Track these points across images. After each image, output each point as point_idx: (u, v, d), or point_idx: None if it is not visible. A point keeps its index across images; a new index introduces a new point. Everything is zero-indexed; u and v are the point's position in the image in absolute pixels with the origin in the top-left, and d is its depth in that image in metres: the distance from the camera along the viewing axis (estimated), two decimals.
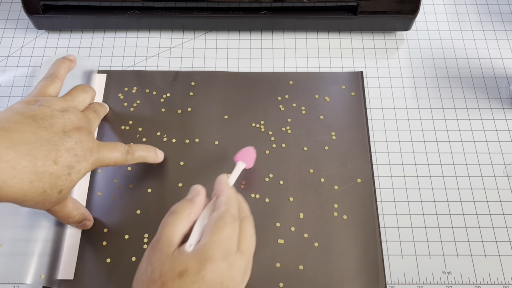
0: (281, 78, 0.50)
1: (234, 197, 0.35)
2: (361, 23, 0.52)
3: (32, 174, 0.32)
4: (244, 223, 0.34)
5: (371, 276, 0.40)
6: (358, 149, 0.46)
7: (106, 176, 0.44)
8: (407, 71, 0.51)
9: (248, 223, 0.34)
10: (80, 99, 0.39)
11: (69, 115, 0.36)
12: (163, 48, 0.52)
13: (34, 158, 0.32)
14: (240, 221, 0.34)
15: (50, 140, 0.34)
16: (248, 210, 0.36)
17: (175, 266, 0.30)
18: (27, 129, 0.33)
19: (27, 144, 0.32)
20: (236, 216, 0.34)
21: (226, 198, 0.34)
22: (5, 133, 0.32)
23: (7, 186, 0.31)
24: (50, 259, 0.40)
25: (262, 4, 0.50)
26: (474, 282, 0.40)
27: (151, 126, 0.47)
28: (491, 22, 0.55)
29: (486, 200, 0.44)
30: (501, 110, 0.48)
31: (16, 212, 0.42)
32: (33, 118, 0.34)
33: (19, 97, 0.49)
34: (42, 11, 0.51)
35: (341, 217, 0.42)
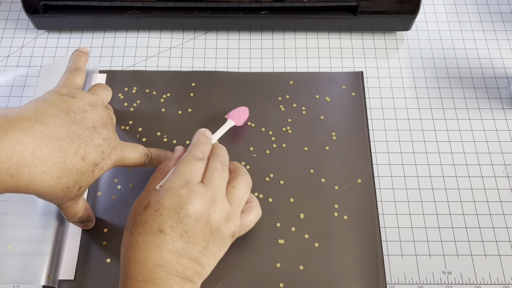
0: (281, 78, 0.50)
1: (203, 142, 0.38)
2: (361, 23, 0.52)
3: (60, 170, 0.32)
4: (211, 161, 0.36)
5: (371, 276, 0.40)
6: (358, 149, 0.46)
7: (106, 176, 0.44)
8: (407, 71, 0.51)
9: (216, 162, 0.36)
10: (104, 96, 0.40)
11: (98, 110, 0.36)
12: (163, 48, 0.52)
13: (64, 154, 0.33)
14: (208, 160, 0.36)
15: (81, 136, 0.34)
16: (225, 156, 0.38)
17: (142, 203, 0.34)
18: (60, 123, 0.33)
19: (60, 139, 0.33)
20: (201, 156, 0.36)
21: (192, 143, 0.38)
22: (40, 127, 0.32)
23: (36, 181, 0.31)
24: (50, 259, 0.40)
25: (262, 4, 0.50)
26: (474, 282, 0.40)
27: (151, 126, 0.47)
28: (491, 22, 0.55)
29: (486, 200, 0.44)
30: (501, 110, 0.48)
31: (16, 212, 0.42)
32: (66, 111, 0.34)
33: (19, 97, 0.49)
34: (42, 11, 0.50)
35: (342, 217, 0.42)
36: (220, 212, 0.34)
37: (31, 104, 0.34)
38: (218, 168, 0.36)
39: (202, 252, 0.33)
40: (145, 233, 0.32)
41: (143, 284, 0.31)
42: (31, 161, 0.31)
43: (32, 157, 0.31)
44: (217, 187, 0.35)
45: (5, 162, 0.30)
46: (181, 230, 0.32)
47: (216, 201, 0.34)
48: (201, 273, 0.34)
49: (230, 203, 0.35)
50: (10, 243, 0.40)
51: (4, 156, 0.30)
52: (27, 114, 0.32)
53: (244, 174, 0.38)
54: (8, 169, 0.30)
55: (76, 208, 0.38)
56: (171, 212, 0.32)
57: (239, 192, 0.36)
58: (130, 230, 0.33)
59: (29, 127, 0.31)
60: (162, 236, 0.32)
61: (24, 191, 0.32)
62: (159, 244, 0.32)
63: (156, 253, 0.32)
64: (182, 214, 0.32)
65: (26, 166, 0.31)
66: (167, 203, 0.32)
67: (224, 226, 0.34)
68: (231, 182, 0.36)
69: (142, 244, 0.32)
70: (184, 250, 0.32)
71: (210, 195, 0.34)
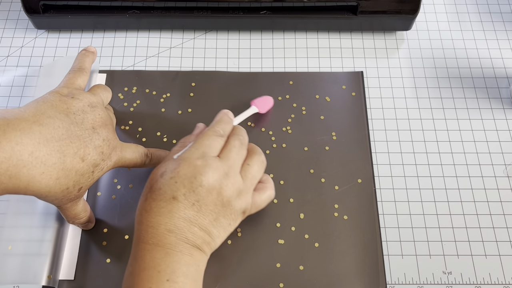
0: (281, 78, 0.50)
1: (225, 121, 0.39)
2: (361, 23, 0.52)
3: (59, 171, 0.33)
4: (231, 139, 0.37)
5: (371, 276, 0.40)
6: (358, 149, 0.46)
7: (106, 176, 0.44)
8: (408, 71, 0.51)
9: (235, 140, 0.37)
10: (103, 97, 0.40)
11: (98, 111, 0.36)
12: (163, 48, 0.52)
13: (64, 155, 0.33)
14: (228, 138, 0.38)
15: (81, 137, 0.34)
16: (245, 136, 0.39)
17: (159, 170, 0.35)
18: (59, 124, 0.33)
19: (59, 140, 0.33)
20: (221, 133, 0.37)
21: (215, 121, 0.39)
22: (39, 128, 0.32)
23: (35, 182, 0.31)
24: (50, 259, 0.40)
25: (262, 4, 0.50)
26: (474, 282, 0.40)
27: (151, 126, 0.47)
28: (491, 22, 0.54)
29: (487, 200, 0.44)
30: (501, 110, 0.48)
31: (17, 212, 0.42)
32: (65, 113, 0.34)
33: (19, 97, 0.49)
34: (42, 11, 0.50)
35: (342, 217, 0.42)
36: (232, 187, 0.35)
37: (30, 105, 0.34)
38: (236, 146, 0.37)
39: (212, 223, 0.34)
40: (159, 199, 0.33)
41: (154, 248, 0.32)
42: (30, 162, 0.31)
43: (31, 158, 0.31)
44: (232, 163, 0.36)
45: (4, 163, 0.30)
46: (193, 199, 0.33)
47: (229, 176, 0.35)
48: (210, 243, 0.35)
49: (244, 180, 0.36)
50: (10, 243, 0.40)
51: (3, 156, 0.30)
52: (25, 115, 0.32)
53: (260, 154, 0.39)
54: (7, 170, 0.30)
55: (76, 209, 0.38)
56: (185, 180, 0.33)
57: (253, 170, 0.37)
58: (145, 195, 0.34)
59: (28, 128, 0.31)
60: (174, 203, 0.33)
61: (24, 192, 0.32)
62: (171, 210, 0.33)
63: (168, 219, 0.33)
64: (196, 183, 0.33)
65: (25, 167, 0.31)
66: (182, 171, 0.34)
67: (236, 200, 0.35)
68: (246, 160, 0.38)
69: (155, 209, 0.33)
70: (195, 219, 0.33)
71: (225, 169, 0.35)
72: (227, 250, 0.41)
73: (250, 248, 0.41)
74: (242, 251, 0.41)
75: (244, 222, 0.42)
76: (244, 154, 0.38)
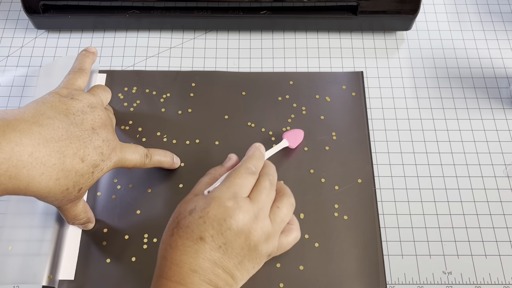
0: (281, 78, 0.50)
1: (258, 157, 0.37)
2: (361, 23, 0.52)
3: (59, 172, 0.33)
4: (262, 179, 0.36)
5: (371, 276, 0.40)
6: (358, 149, 0.46)
7: (106, 176, 0.44)
8: (408, 71, 0.51)
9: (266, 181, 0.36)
10: (103, 97, 0.40)
11: (98, 112, 0.36)
12: (163, 48, 0.52)
13: (63, 155, 0.33)
14: (259, 177, 0.36)
15: (80, 137, 0.34)
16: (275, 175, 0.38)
17: (188, 206, 0.34)
18: (59, 125, 0.33)
19: (59, 141, 0.33)
20: (253, 170, 0.36)
21: (247, 156, 0.38)
22: (39, 129, 0.32)
23: (35, 182, 0.32)
24: (50, 259, 0.40)
25: (262, 4, 0.50)
26: (474, 282, 0.40)
27: (151, 126, 0.47)
28: (491, 22, 0.54)
29: (487, 200, 0.44)
30: (501, 110, 0.48)
31: (17, 212, 0.42)
32: (65, 113, 0.34)
33: (19, 97, 0.49)
34: (42, 11, 0.50)
35: (342, 217, 0.42)
36: (261, 231, 0.34)
37: (30, 106, 0.34)
38: (267, 187, 0.36)
39: (236, 266, 0.33)
40: (186, 237, 0.32)
41: (176, 286, 0.31)
42: (30, 162, 0.31)
43: (30, 158, 0.31)
44: (262, 205, 0.34)
45: (4, 163, 0.30)
46: (220, 242, 0.32)
47: (259, 220, 0.34)
48: (232, 286, 0.33)
49: (272, 223, 0.35)
50: (11, 243, 0.40)
51: (3, 157, 0.30)
52: (25, 116, 0.32)
53: (290, 196, 0.37)
54: (6, 170, 0.30)
55: (76, 210, 0.38)
56: (215, 222, 0.32)
57: (282, 213, 0.36)
58: (171, 230, 0.33)
59: (27, 129, 0.31)
60: (201, 244, 0.32)
61: (24, 193, 0.32)
62: (197, 250, 0.32)
63: (193, 259, 0.32)
64: (225, 226, 0.32)
65: (25, 167, 0.31)
66: (212, 212, 0.33)
67: (263, 245, 0.34)
68: (276, 202, 0.36)
69: (181, 248, 0.32)
70: (220, 261, 0.32)
71: (255, 212, 0.34)
72: None
73: None
74: None
75: None
76: (274, 195, 0.37)
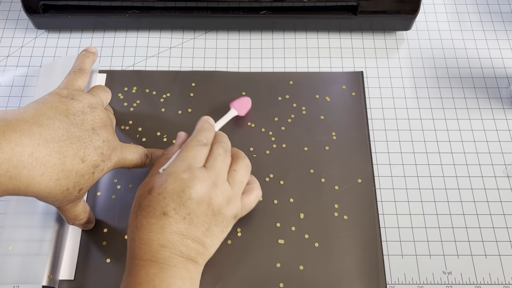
0: (281, 78, 0.50)
1: (207, 129, 0.39)
2: (361, 23, 0.52)
3: (59, 172, 0.33)
4: (215, 147, 0.37)
5: (371, 276, 0.40)
6: (358, 149, 0.46)
7: (106, 176, 0.44)
8: (408, 71, 0.51)
9: (219, 148, 0.37)
10: (103, 98, 0.40)
11: (98, 112, 0.36)
12: (163, 48, 0.52)
13: (64, 156, 0.33)
14: (211, 146, 0.37)
15: (80, 138, 0.34)
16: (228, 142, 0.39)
17: (146, 187, 0.35)
18: (59, 125, 0.33)
19: (59, 141, 0.33)
20: (204, 142, 0.37)
21: (196, 129, 0.39)
22: (39, 129, 0.32)
23: (35, 183, 0.32)
24: (50, 259, 0.40)
25: (262, 4, 0.50)
26: (474, 282, 0.40)
27: (151, 126, 0.47)
28: (491, 22, 0.54)
29: (487, 200, 0.44)
30: (501, 110, 0.48)
31: (17, 212, 0.42)
32: (65, 114, 0.34)
33: (19, 97, 0.49)
34: (42, 11, 0.50)
35: (342, 217, 0.42)
36: (221, 195, 0.35)
37: (30, 106, 0.34)
38: (221, 154, 0.37)
39: (205, 234, 0.34)
40: (149, 215, 0.33)
41: (148, 263, 0.32)
42: (30, 163, 0.31)
43: (30, 158, 0.31)
44: (219, 171, 0.36)
45: (4, 164, 0.30)
46: (184, 213, 0.33)
47: (217, 185, 0.35)
48: (204, 254, 0.35)
49: (232, 186, 0.36)
50: (11, 243, 0.40)
51: (3, 158, 0.30)
52: (25, 116, 0.32)
53: (244, 157, 0.39)
54: (6, 171, 0.30)
55: (76, 210, 0.38)
56: (174, 195, 0.33)
57: (239, 175, 0.37)
58: (135, 213, 0.34)
59: (27, 129, 0.31)
60: (165, 219, 0.33)
61: (24, 193, 0.32)
62: (162, 225, 0.33)
63: (160, 234, 0.33)
64: (185, 197, 0.33)
65: (25, 168, 0.31)
66: (170, 187, 0.33)
67: (226, 208, 0.35)
68: (232, 165, 0.38)
69: (147, 226, 0.33)
70: (187, 232, 0.33)
71: (212, 179, 0.35)
72: (227, 250, 0.41)
73: (250, 248, 0.41)
74: (242, 251, 0.41)
75: (244, 222, 0.42)
76: (229, 161, 0.38)
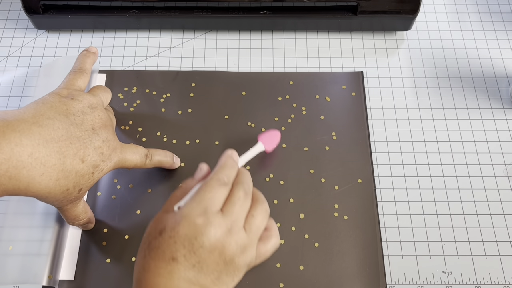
0: (281, 78, 0.50)
1: (230, 166, 0.35)
2: (361, 23, 0.52)
3: (59, 172, 0.33)
4: (235, 189, 0.34)
5: (371, 276, 0.40)
6: (358, 149, 0.46)
7: (106, 176, 0.44)
8: (408, 71, 0.51)
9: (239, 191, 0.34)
10: (103, 98, 0.39)
11: (98, 112, 0.36)
12: (163, 48, 0.52)
13: (63, 156, 0.33)
14: (232, 187, 0.34)
15: (80, 138, 0.34)
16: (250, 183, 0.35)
17: (158, 225, 0.32)
18: (59, 125, 0.33)
19: (58, 141, 0.33)
20: (226, 181, 0.34)
21: (219, 165, 0.35)
22: (38, 129, 0.32)
23: (35, 183, 0.31)
24: (50, 259, 0.40)
25: (262, 4, 0.50)
26: (474, 282, 0.40)
27: (151, 126, 0.47)
28: (491, 22, 0.54)
29: (487, 200, 0.44)
30: (501, 110, 0.48)
31: (17, 212, 0.42)
32: (65, 114, 0.34)
33: (19, 97, 0.49)
34: (42, 11, 0.50)
35: (342, 217, 0.42)
36: (236, 244, 0.32)
37: (30, 106, 0.34)
38: (241, 198, 0.34)
39: (214, 282, 0.32)
40: (158, 258, 0.31)
41: None
42: (30, 163, 0.31)
43: (30, 159, 0.31)
44: (236, 217, 0.33)
45: (3, 164, 0.30)
46: (194, 261, 0.31)
47: (232, 232, 0.32)
48: None
49: (248, 233, 0.33)
50: (11, 243, 0.40)
51: (2, 158, 0.30)
52: (25, 117, 0.32)
53: (263, 202, 0.36)
54: (6, 171, 0.30)
55: (76, 210, 0.38)
56: (186, 241, 0.31)
57: (257, 221, 0.34)
58: (143, 252, 0.32)
59: (27, 129, 0.31)
60: (174, 264, 0.31)
61: (24, 193, 0.32)
62: (171, 271, 0.31)
63: (168, 280, 0.31)
64: (197, 244, 0.31)
65: (25, 168, 0.31)
66: (182, 231, 0.31)
67: (239, 257, 0.33)
68: (250, 210, 0.34)
69: (154, 270, 0.31)
70: (196, 279, 0.31)
71: (228, 225, 0.32)
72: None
73: None
74: None
75: None
76: (249, 205, 0.34)
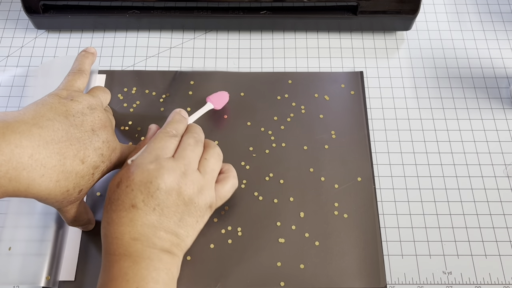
0: (280, 77, 0.50)
1: (177, 120, 0.38)
2: (361, 23, 0.52)
3: (59, 173, 0.33)
4: (185, 137, 0.37)
5: (371, 276, 0.40)
6: (358, 147, 0.46)
7: (106, 176, 0.44)
8: (408, 71, 0.51)
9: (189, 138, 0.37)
10: (103, 99, 0.40)
11: (97, 113, 0.36)
12: (163, 48, 0.52)
13: (63, 157, 0.33)
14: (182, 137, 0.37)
15: (80, 139, 0.34)
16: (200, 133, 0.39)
17: (115, 180, 0.35)
18: (59, 126, 0.33)
19: (58, 143, 0.33)
20: (174, 133, 0.37)
21: (167, 121, 0.38)
22: (38, 130, 0.32)
23: (35, 184, 0.31)
24: (50, 260, 0.40)
25: (262, 4, 0.50)
26: (474, 282, 0.40)
27: None
28: (491, 22, 0.54)
29: (487, 200, 0.44)
30: (501, 110, 0.48)
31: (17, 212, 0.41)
32: (65, 115, 0.34)
33: (19, 97, 0.49)
34: (42, 11, 0.50)
35: (342, 216, 0.42)
36: (192, 184, 0.34)
37: (30, 108, 0.34)
38: (191, 144, 0.36)
39: (178, 224, 0.34)
40: (119, 209, 0.33)
41: (121, 258, 0.32)
42: (30, 164, 0.31)
43: (30, 160, 0.31)
44: (188, 161, 0.35)
45: (3, 165, 0.30)
46: (153, 204, 0.33)
47: (187, 174, 0.34)
48: (179, 245, 0.34)
49: (203, 175, 0.36)
50: (10, 243, 0.40)
51: (2, 159, 0.30)
52: (25, 118, 0.32)
53: (214, 146, 0.39)
54: (6, 172, 0.30)
55: (76, 211, 0.38)
56: (142, 187, 0.33)
57: (210, 163, 0.37)
58: (105, 208, 0.34)
59: (27, 131, 0.31)
60: (134, 211, 0.33)
61: (24, 195, 0.32)
62: (132, 218, 0.33)
63: (131, 227, 0.32)
64: (153, 188, 0.33)
65: (25, 169, 0.31)
66: (137, 178, 0.33)
67: (198, 197, 0.35)
68: (202, 155, 0.37)
69: (117, 220, 0.33)
70: (159, 223, 0.33)
71: (181, 168, 0.34)
72: (227, 249, 0.41)
73: (251, 247, 0.41)
74: (243, 250, 0.41)
75: (244, 221, 0.42)
76: (200, 151, 0.37)
